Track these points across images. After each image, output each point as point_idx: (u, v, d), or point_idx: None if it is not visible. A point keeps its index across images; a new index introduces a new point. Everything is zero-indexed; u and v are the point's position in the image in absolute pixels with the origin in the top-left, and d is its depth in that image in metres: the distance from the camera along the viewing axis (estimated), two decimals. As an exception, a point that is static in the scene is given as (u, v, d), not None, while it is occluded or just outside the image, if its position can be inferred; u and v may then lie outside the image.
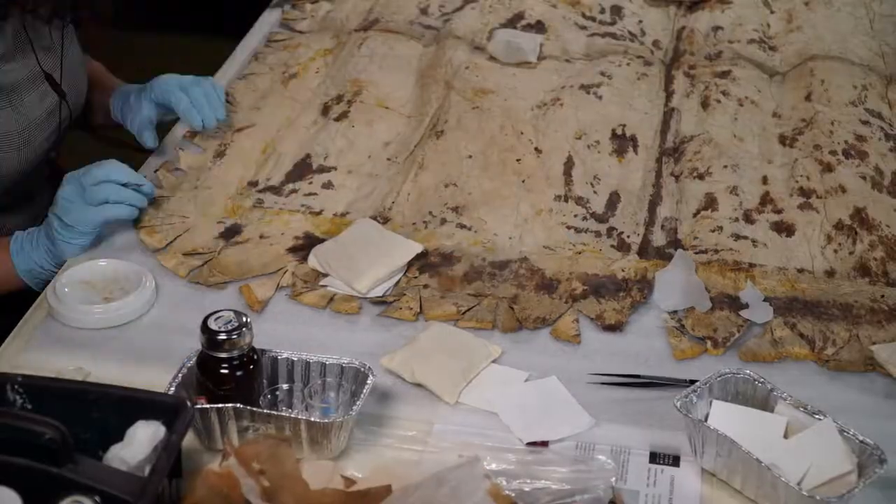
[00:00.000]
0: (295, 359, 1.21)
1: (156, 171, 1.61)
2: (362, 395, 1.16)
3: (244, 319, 1.15)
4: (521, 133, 1.70)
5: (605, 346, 1.34)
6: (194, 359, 1.17)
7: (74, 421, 1.00)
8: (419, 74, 1.87)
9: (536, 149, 1.67)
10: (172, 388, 1.15)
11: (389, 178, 1.63)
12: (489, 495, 1.06)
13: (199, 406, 1.12)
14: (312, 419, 1.13)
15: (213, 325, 1.14)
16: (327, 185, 1.61)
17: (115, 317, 1.35)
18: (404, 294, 1.40)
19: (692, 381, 1.21)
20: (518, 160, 1.64)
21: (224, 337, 1.13)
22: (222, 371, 1.14)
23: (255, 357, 1.16)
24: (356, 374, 1.20)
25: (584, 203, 1.58)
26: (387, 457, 1.17)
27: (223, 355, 1.14)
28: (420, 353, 1.29)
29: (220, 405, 1.13)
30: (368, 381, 1.17)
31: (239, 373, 1.14)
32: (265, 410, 1.14)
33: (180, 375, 1.16)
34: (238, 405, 1.13)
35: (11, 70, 1.52)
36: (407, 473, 1.12)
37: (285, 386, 1.21)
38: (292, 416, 1.14)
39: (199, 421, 1.13)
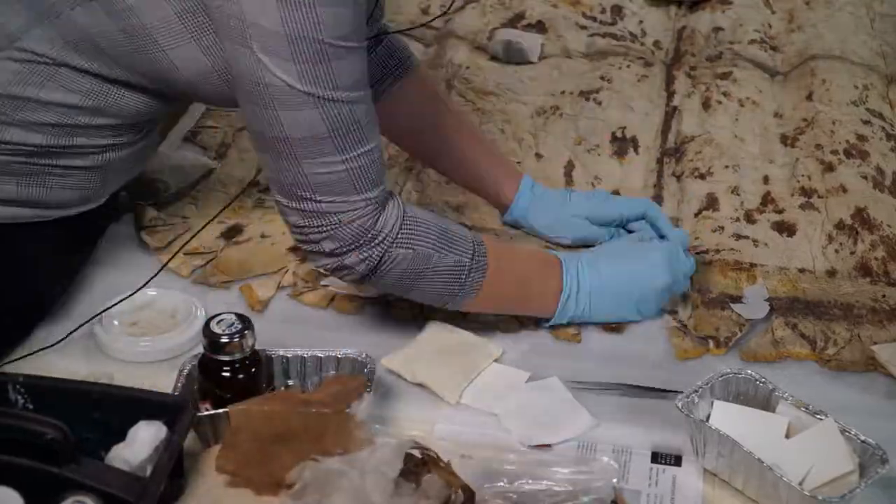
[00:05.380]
0: (290, 356, 1.21)
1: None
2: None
3: (246, 322, 1.14)
4: (522, 139, 1.70)
5: (606, 345, 1.34)
6: (191, 364, 1.17)
7: (76, 421, 1.00)
8: (420, 74, 1.87)
9: (537, 154, 1.67)
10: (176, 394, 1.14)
11: (392, 176, 1.63)
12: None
13: (205, 413, 1.12)
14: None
15: (215, 328, 1.14)
16: (328, 185, 1.61)
17: (162, 350, 1.28)
18: (405, 294, 1.40)
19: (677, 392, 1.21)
20: (518, 163, 1.64)
21: (226, 340, 1.13)
22: (224, 374, 1.13)
23: (258, 360, 1.16)
24: (353, 364, 1.20)
25: (585, 203, 1.57)
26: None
27: (225, 358, 1.13)
28: (421, 353, 1.29)
29: (221, 409, 1.12)
30: (370, 371, 1.18)
31: (241, 376, 1.14)
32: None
33: (181, 383, 1.16)
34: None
35: None
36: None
37: (291, 383, 1.21)
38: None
39: (209, 425, 1.13)
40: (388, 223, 1.19)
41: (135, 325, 1.32)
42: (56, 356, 1.27)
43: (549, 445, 1.19)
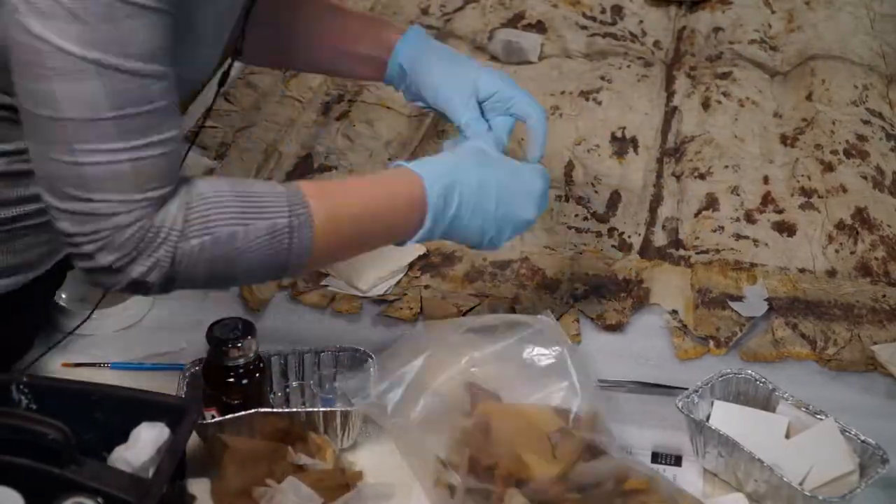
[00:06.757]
0: (288, 355, 1.21)
1: None
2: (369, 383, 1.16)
3: (249, 327, 1.14)
4: (521, 139, 1.70)
5: (606, 346, 1.34)
6: (191, 370, 1.17)
7: (78, 421, 1.00)
8: (420, 74, 1.87)
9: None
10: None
11: (390, 177, 1.63)
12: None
13: (211, 420, 1.12)
14: (332, 409, 1.14)
15: (218, 333, 1.13)
16: (328, 185, 1.61)
17: (111, 322, 1.34)
18: (405, 294, 1.40)
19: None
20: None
21: (230, 345, 1.12)
22: (229, 379, 1.13)
23: (262, 365, 1.16)
24: (352, 361, 1.21)
25: (585, 203, 1.58)
26: (393, 449, 1.17)
27: (229, 364, 1.13)
28: (421, 354, 1.29)
29: (229, 416, 1.12)
30: (367, 366, 1.18)
31: (245, 381, 1.13)
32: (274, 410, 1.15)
33: (183, 391, 1.16)
34: (260, 410, 1.13)
35: None
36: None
37: (295, 384, 1.22)
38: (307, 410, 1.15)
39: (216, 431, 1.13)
40: (169, 214, 0.98)
41: (83, 301, 1.35)
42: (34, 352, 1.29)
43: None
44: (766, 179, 1.62)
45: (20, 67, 0.95)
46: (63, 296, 1.36)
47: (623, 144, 1.70)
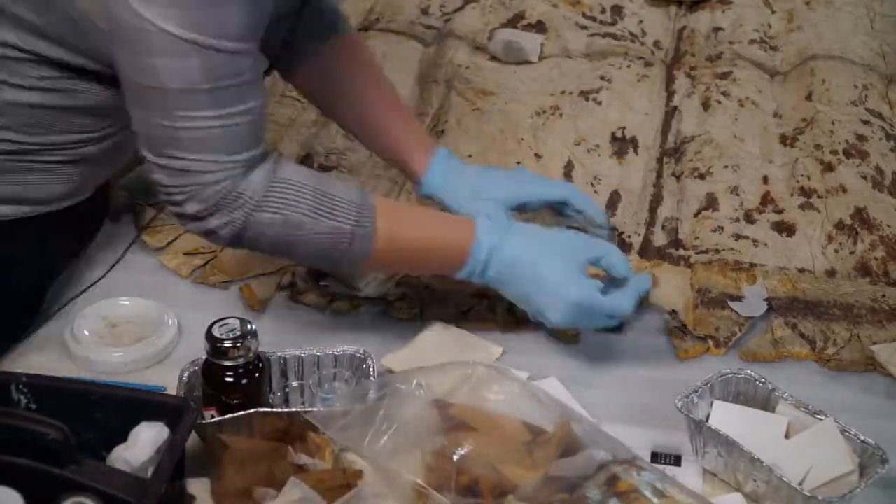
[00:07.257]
0: (288, 356, 1.22)
1: None
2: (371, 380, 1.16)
3: (249, 327, 1.14)
4: (521, 139, 1.70)
5: (606, 345, 1.34)
6: (190, 370, 1.17)
7: (78, 421, 1.00)
8: (420, 74, 1.87)
9: (536, 154, 1.67)
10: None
11: (391, 177, 1.63)
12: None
13: (210, 420, 1.12)
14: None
15: (217, 332, 1.13)
16: (328, 185, 1.61)
17: (135, 360, 1.28)
18: (405, 294, 1.40)
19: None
20: (518, 162, 1.65)
21: (229, 345, 1.12)
22: (227, 379, 1.13)
23: (261, 365, 1.16)
24: (352, 361, 1.21)
25: (585, 203, 1.58)
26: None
27: (228, 363, 1.13)
28: (421, 354, 1.29)
29: (228, 416, 1.12)
30: (368, 367, 1.19)
31: (244, 381, 1.14)
32: (275, 409, 1.15)
33: (182, 391, 1.16)
34: (260, 409, 1.12)
35: None
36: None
37: (295, 384, 1.22)
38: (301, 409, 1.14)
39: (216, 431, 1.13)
40: (251, 186, 1.13)
41: (104, 338, 1.30)
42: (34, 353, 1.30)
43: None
44: (765, 179, 1.62)
45: (123, 42, 1.09)
46: (85, 333, 1.31)
47: (623, 144, 1.70)
